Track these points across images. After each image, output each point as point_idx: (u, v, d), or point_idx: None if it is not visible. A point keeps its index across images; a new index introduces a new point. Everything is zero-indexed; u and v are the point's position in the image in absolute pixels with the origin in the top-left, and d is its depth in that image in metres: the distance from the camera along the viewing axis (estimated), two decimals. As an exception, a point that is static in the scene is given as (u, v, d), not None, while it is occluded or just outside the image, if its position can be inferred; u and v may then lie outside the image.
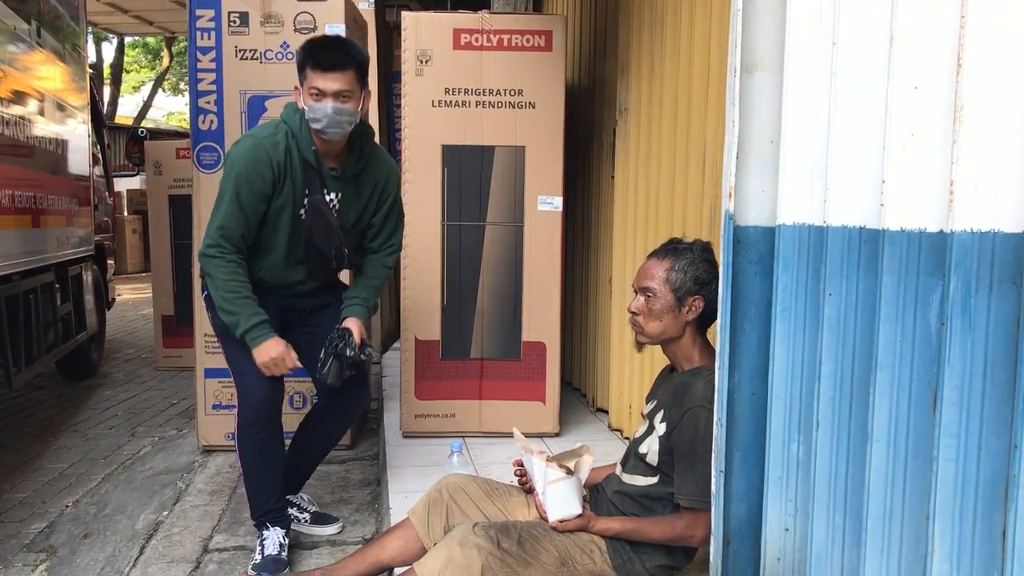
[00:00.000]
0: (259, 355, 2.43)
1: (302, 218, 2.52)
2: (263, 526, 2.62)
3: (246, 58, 3.53)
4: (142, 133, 7.98)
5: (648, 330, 1.99)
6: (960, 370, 1.20)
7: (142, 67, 22.15)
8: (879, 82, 1.30)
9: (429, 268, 3.61)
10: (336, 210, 2.56)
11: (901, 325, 1.27)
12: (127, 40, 18.27)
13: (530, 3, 5.86)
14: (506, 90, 3.53)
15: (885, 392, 1.29)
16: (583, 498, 2.04)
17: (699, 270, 1.95)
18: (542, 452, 2.06)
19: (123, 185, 11.94)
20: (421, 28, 3.53)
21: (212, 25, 3.53)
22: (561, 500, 1.99)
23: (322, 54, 2.39)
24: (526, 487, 2.22)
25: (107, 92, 17.20)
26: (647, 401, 2.16)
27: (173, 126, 20.66)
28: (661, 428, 1.98)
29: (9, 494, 3.43)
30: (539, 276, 3.63)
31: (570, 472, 2.00)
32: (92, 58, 15.76)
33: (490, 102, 3.54)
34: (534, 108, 3.54)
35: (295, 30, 3.51)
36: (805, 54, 1.42)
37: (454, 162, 3.57)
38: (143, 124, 17.71)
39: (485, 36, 3.52)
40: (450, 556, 1.91)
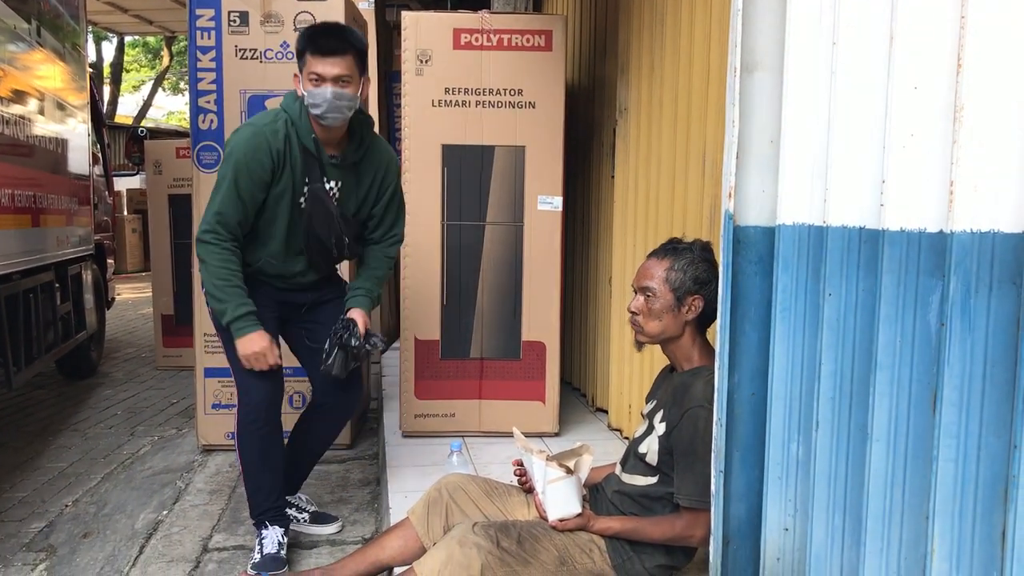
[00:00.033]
0: (242, 346, 2.42)
1: (302, 207, 2.52)
2: (262, 525, 2.61)
3: (246, 57, 3.53)
4: (142, 132, 7.98)
5: (648, 330, 1.99)
6: (960, 370, 1.20)
7: (142, 66, 22.15)
8: (879, 82, 1.30)
9: (429, 268, 3.61)
10: (336, 199, 2.56)
11: (901, 325, 1.27)
12: (127, 39, 18.26)
13: (530, 3, 5.85)
14: (506, 90, 3.53)
15: (885, 392, 1.29)
16: (583, 497, 2.04)
17: (699, 270, 1.95)
18: (542, 451, 2.07)
19: (123, 184, 11.94)
20: (421, 28, 3.53)
21: (212, 24, 3.53)
22: (561, 499, 1.99)
23: (321, 40, 2.40)
24: (526, 487, 2.22)
25: (107, 91, 17.20)
26: (647, 401, 2.16)
27: (173, 125, 20.66)
28: (661, 428, 1.98)
29: (9, 493, 3.43)
30: (539, 276, 3.63)
31: (570, 471, 2.00)
32: (92, 57, 15.75)
33: (490, 102, 3.54)
34: (534, 108, 3.55)
35: (295, 30, 3.50)
36: (805, 54, 1.42)
37: (454, 162, 3.57)
38: (143, 123, 17.71)
39: (485, 36, 3.52)
40: (450, 555, 1.91)
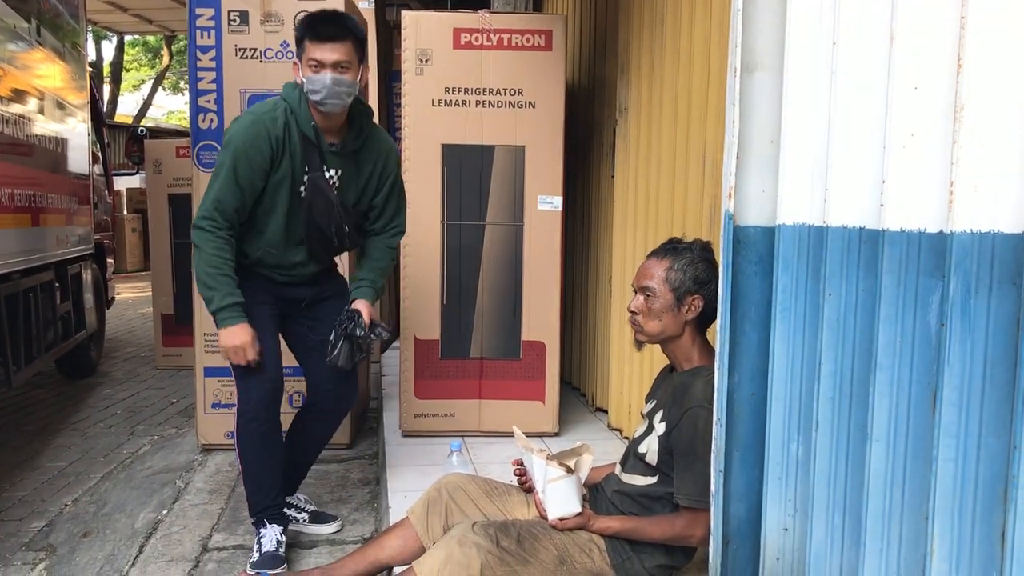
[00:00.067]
0: (225, 337, 2.42)
1: (302, 196, 2.52)
2: (261, 524, 2.62)
3: (246, 57, 3.53)
4: (142, 132, 7.98)
5: (647, 329, 2.00)
6: (960, 371, 1.20)
7: (142, 65, 22.15)
8: (879, 82, 1.30)
9: (429, 267, 3.61)
10: (336, 187, 2.56)
11: (901, 325, 1.27)
12: (127, 39, 18.26)
13: (530, 2, 5.85)
14: (506, 89, 3.53)
15: (885, 392, 1.29)
16: (583, 497, 2.04)
17: (698, 269, 1.95)
18: (542, 450, 2.07)
19: (123, 184, 11.94)
20: (421, 27, 3.53)
21: (212, 24, 3.53)
22: (561, 498, 1.99)
23: (320, 27, 2.42)
24: (525, 486, 2.22)
25: (107, 91, 17.21)
26: (647, 401, 2.16)
27: (173, 125, 20.66)
28: (660, 428, 1.98)
29: (8, 492, 3.43)
30: (539, 275, 3.63)
31: (570, 471, 2.01)
32: (92, 56, 15.75)
33: (490, 101, 3.54)
34: (534, 108, 3.54)
35: (295, 29, 3.50)
36: (805, 54, 1.42)
37: (454, 161, 3.57)
38: (143, 123, 17.71)
39: (485, 35, 3.52)
40: (449, 555, 1.91)
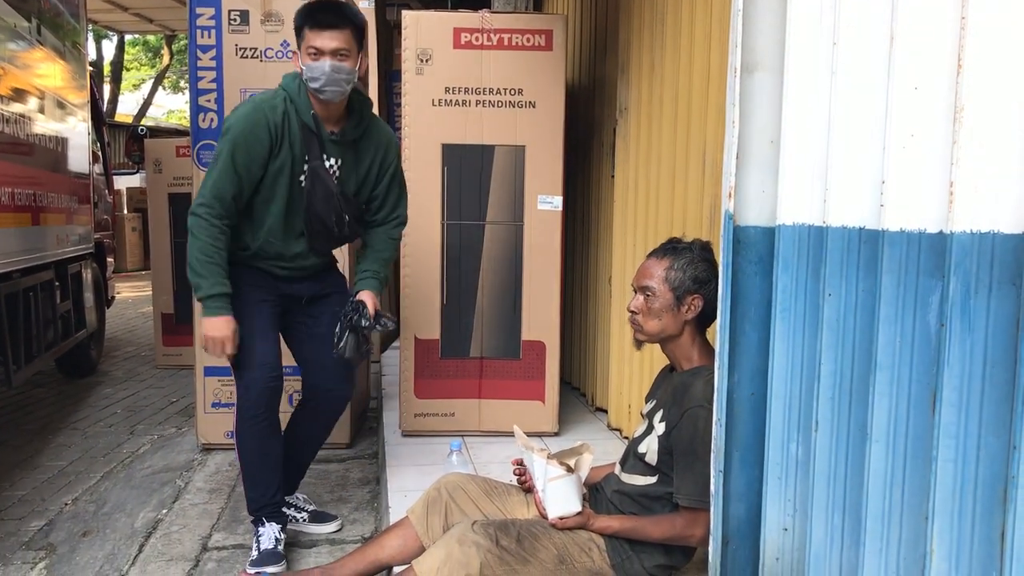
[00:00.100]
0: (207, 327, 2.43)
1: (302, 185, 2.53)
2: (259, 522, 2.62)
3: (246, 56, 3.53)
4: (142, 131, 7.98)
5: (647, 328, 2.00)
6: (959, 371, 1.20)
7: (142, 65, 22.14)
8: (879, 82, 1.30)
9: (429, 267, 3.61)
10: (336, 177, 2.57)
11: (900, 326, 1.27)
12: (127, 38, 18.26)
13: (530, 2, 5.84)
14: (506, 89, 3.53)
15: (884, 392, 1.29)
16: (583, 496, 2.04)
17: (698, 269, 1.95)
18: (542, 449, 2.07)
19: (123, 183, 11.95)
20: (421, 27, 3.53)
21: (212, 23, 3.53)
22: (561, 497, 1.99)
23: (319, 14, 2.43)
24: (525, 486, 2.22)
25: (107, 90, 17.21)
26: (646, 400, 2.16)
27: (173, 124, 20.65)
28: (660, 427, 1.99)
29: (8, 492, 3.44)
30: (539, 275, 3.63)
31: (570, 470, 2.01)
32: (92, 56, 15.75)
33: (490, 101, 3.54)
34: (534, 107, 3.54)
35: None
36: (805, 54, 1.42)
37: (454, 161, 3.57)
38: (143, 122, 17.68)
39: (485, 35, 3.52)
40: (449, 554, 1.91)
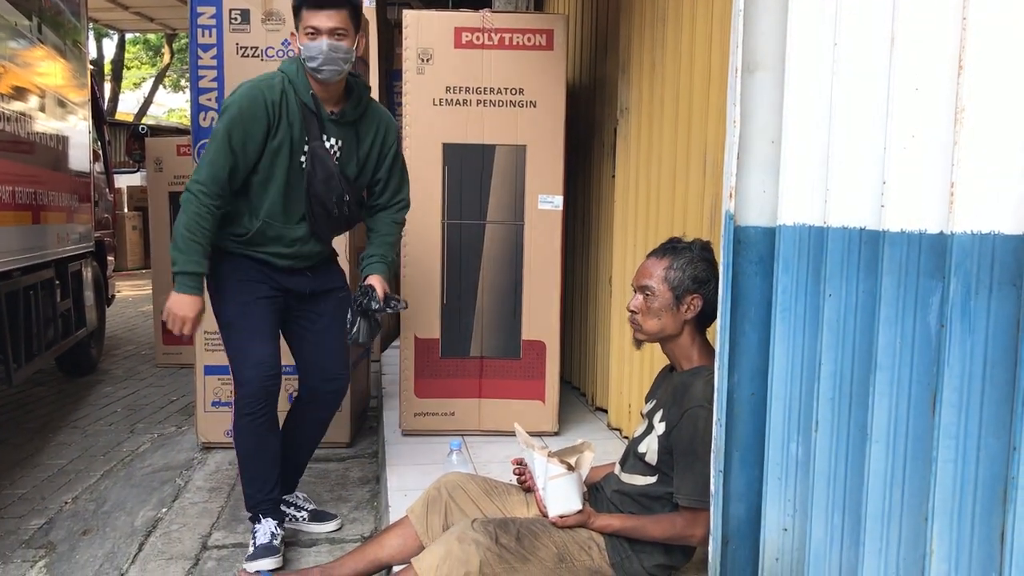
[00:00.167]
0: (174, 302, 2.49)
1: (302, 166, 2.54)
2: (256, 519, 2.63)
3: (247, 55, 3.53)
4: (143, 130, 7.96)
5: (646, 328, 2.00)
6: (959, 372, 1.20)
7: (143, 64, 22.13)
8: (880, 83, 1.30)
9: (429, 266, 3.61)
10: (337, 158, 2.58)
11: (901, 326, 1.27)
12: (128, 37, 18.24)
13: (531, 2, 5.85)
14: (507, 89, 3.53)
15: (884, 393, 1.29)
16: (583, 495, 2.04)
17: (697, 269, 1.95)
18: (543, 448, 2.07)
19: (124, 182, 11.94)
20: (422, 26, 3.53)
21: (213, 22, 3.53)
22: (561, 496, 1.99)
23: None
24: (525, 486, 2.22)
25: (108, 89, 17.19)
26: (646, 400, 2.16)
27: (174, 123, 20.64)
28: (660, 427, 1.99)
29: (8, 490, 3.44)
30: (539, 275, 3.63)
31: (571, 468, 2.01)
32: (93, 54, 15.75)
33: (491, 101, 3.54)
34: (535, 107, 3.54)
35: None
36: (806, 54, 1.42)
37: (455, 160, 3.57)
38: (144, 121, 17.68)
39: (486, 35, 3.52)
40: (448, 551, 1.91)
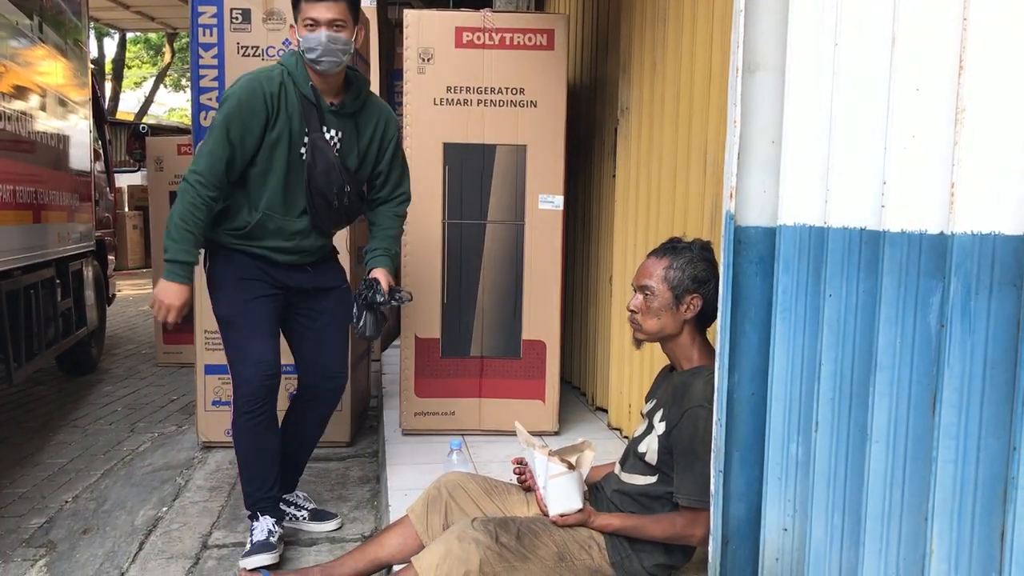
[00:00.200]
0: (161, 289, 2.48)
1: (303, 158, 2.54)
2: (255, 517, 2.63)
3: (248, 55, 3.53)
4: (143, 129, 7.95)
5: (646, 327, 2.00)
6: (960, 372, 1.20)
7: (144, 63, 22.13)
8: (881, 83, 1.30)
9: (430, 266, 3.61)
10: (337, 150, 2.59)
11: (901, 326, 1.27)
12: (129, 36, 18.25)
13: (532, 1, 5.85)
14: (508, 88, 3.53)
15: (884, 393, 1.29)
16: (584, 493, 2.04)
17: (697, 269, 1.96)
18: (544, 446, 2.07)
19: (124, 181, 11.95)
20: (423, 26, 3.53)
21: (214, 21, 3.53)
22: (562, 494, 1.99)
23: None
24: (525, 485, 2.22)
25: (109, 88, 17.18)
26: (646, 400, 2.16)
27: (175, 122, 20.64)
28: (660, 427, 1.99)
29: (9, 489, 3.44)
30: (539, 275, 3.63)
31: (571, 467, 2.01)
32: (94, 54, 15.75)
33: (492, 100, 3.54)
34: (536, 107, 3.54)
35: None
36: (807, 54, 1.43)
37: (455, 160, 3.57)
38: (144, 120, 17.68)
39: (487, 34, 3.52)
40: (448, 550, 1.91)
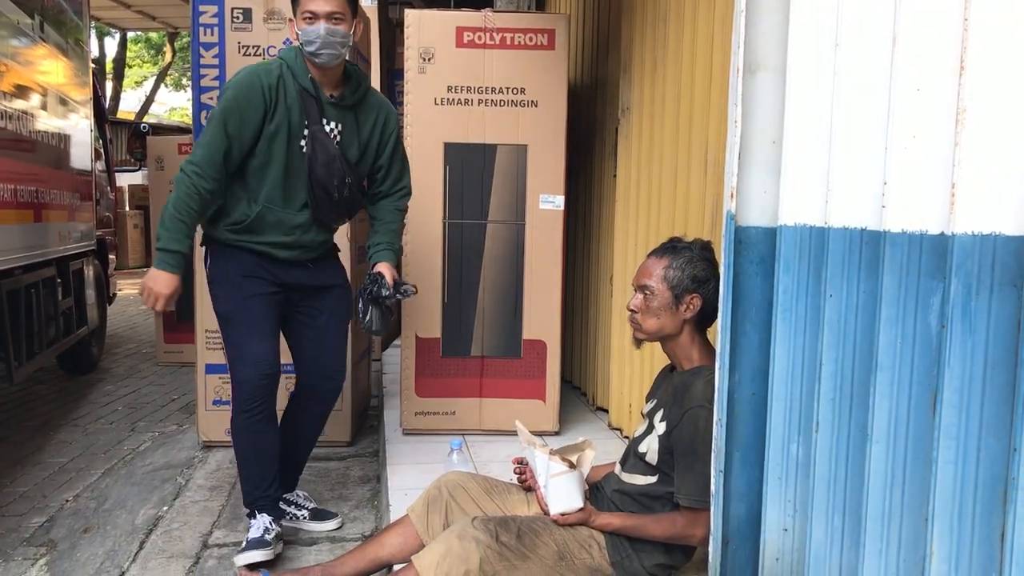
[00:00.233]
0: (151, 277, 2.50)
1: (303, 151, 2.54)
2: (252, 515, 2.63)
3: (249, 54, 3.53)
4: (144, 128, 7.95)
5: (645, 327, 2.00)
6: (960, 372, 1.20)
7: (144, 62, 22.13)
8: (881, 83, 1.30)
9: (430, 266, 3.61)
10: (338, 142, 2.59)
11: (901, 327, 1.27)
12: (130, 35, 18.26)
13: (533, 1, 5.85)
14: (509, 88, 3.53)
15: (885, 393, 1.29)
16: (584, 493, 2.05)
17: (697, 268, 1.95)
18: (544, 445, 2.07)
19: (125, 180, 11.95)
20: (424, 26, 3.53)
21: (215, 21, 3.53)
22: (563, 493, 1.99)
23: None
24: (526, 485, 2.23)
25: (109, 87, 17.18)
26: (647, 400, 2.16)
27: (175, 121, 20.66)
28: (661, 427, 1.99)
29: (9, 488, 3.44)
30: (540, 274, 3.63)
31: (572, 466, 2.01)
32: (95, 53, 15.75)
33: (493, 100, 3.54)
34: (536, 106, 3.54)
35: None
36: (808, 55, 1.43)
37: (456, 160, 3.57)
38: (145, 119, 17.69)
39: (488, 34, 3.52)
40: (448, 549, 1.91)
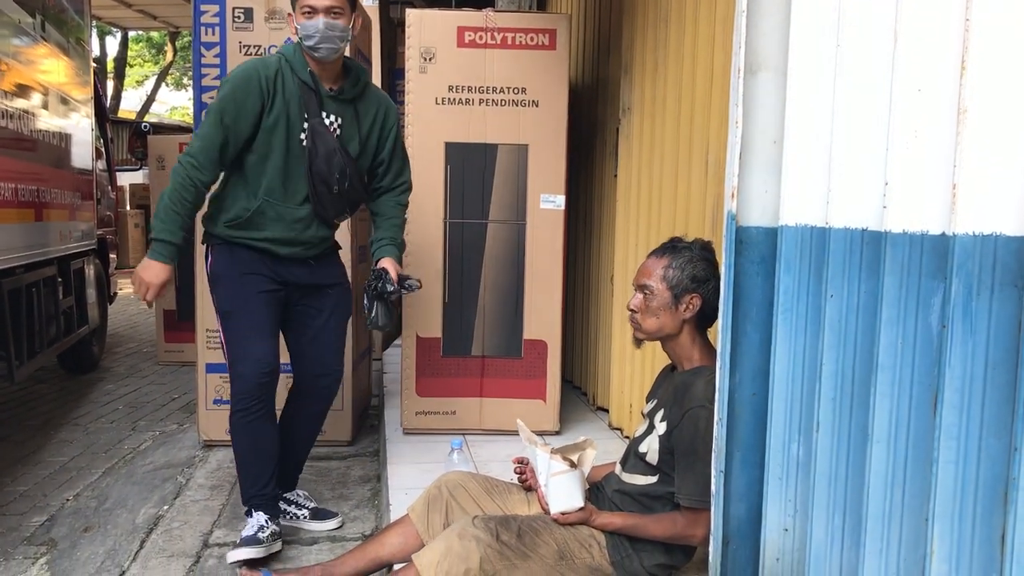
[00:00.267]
0: (143, 267, 2.51)
1: (303, 144, 2.55)
2: (250, 513, 2.64)
3: (250, 54, 3.53)
4: (145, 127, 7.95)
5: (645, 327, 2.00)
6: (961, 372, 1.20)
7: (146, 61, 22.13)
8: (883, 84, 1.30)
9: (431, 265, 3.61)
10: (338, 135, 2.60)
11: (902, 327, 1.27)
12: (131, 34, 18.26)
13: (534, 1, 5.85)
14: (510, 88, 3.53)
15: (886, 393, 1.29)
16: (585, 492, 2.05)
17: (697, 268, 1.96)
18: (545, 444, 2.07)
19: (126, 179, 11.95)
20: (425, 25, 3.53)
21: (216, 20, 3.53)
22: (564, 492, 2.00)
23: None
24: (526, 484, 2.23)
25: (110, 86, 17.18)
26: (647, 400, 2.16)
27: (176, 121, 20.67)
28: (661, 427, 1.99)
29: (10, 487, 3.44)
30: (541, 274, 3.63)
31: (573, 465, 2.01)
32: (96, 52, 15.75)
33: (494, 100, 3.54)
34: (537, 106, 3.54)
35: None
36: (809, 55, 1.43)
37: (457, 160, 3.57)
38: (146, 119, 17.67)
39: (489, 34, 3.52)
40: (449, 548, 1.91)
